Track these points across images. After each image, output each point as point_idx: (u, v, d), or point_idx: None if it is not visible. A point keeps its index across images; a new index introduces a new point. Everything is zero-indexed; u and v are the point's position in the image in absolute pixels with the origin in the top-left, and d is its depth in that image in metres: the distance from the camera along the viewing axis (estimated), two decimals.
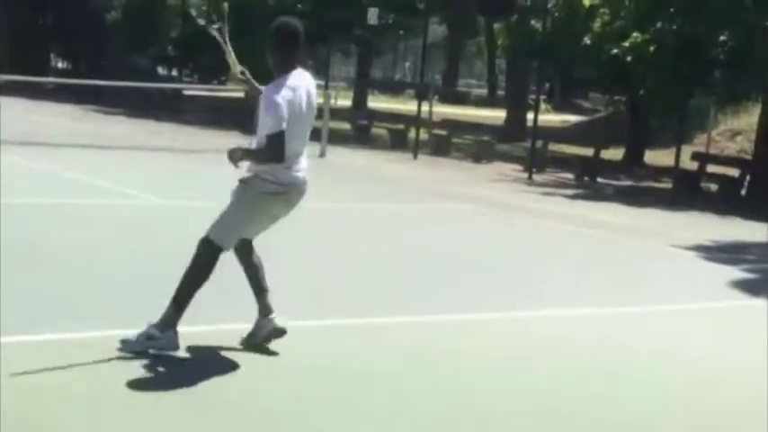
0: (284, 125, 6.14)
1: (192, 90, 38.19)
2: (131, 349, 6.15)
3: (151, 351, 6.16)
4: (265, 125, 6.22)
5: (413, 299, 8.78)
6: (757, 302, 10.13)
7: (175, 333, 6.23)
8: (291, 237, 11.77)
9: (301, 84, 6.38)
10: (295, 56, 6.45)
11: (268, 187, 6.31)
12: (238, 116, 28.50)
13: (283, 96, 6.20)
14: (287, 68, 6.39)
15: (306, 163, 6.47)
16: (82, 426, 5.18)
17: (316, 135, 24.59)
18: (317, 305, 8.18)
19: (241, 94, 7.84)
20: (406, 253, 11.26)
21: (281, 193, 6.34)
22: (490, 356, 7.15)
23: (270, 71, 6.60)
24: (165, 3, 35.58)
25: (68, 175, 15.13)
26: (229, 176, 6.77)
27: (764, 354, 7.98)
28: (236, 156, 6.28)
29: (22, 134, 20.21)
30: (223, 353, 6.53)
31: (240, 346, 6.61)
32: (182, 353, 6.33)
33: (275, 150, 6.15)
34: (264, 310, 6.57)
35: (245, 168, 6.47)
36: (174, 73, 43.63)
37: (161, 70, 44.53)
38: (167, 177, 16.71)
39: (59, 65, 48.32)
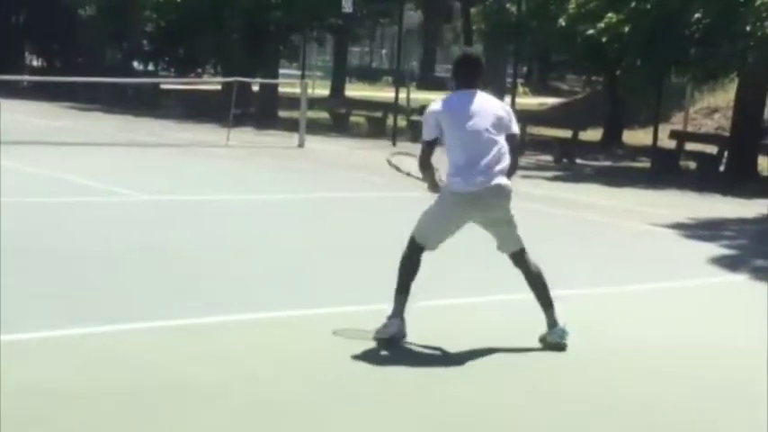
0: (429, 136, 6.98)
1: (169, 84, 38.04)
2: (377, 337, 6.80)
3: (387, 336, 6.79)
4: None
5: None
6: (737, 278, 10.22)
7: (403, 320, 6.88)
8: (273, 227, 11.82)
9: (466, 101, 7.00)
10: (462, 78, 7.16)
11: (450, 194, 6.97)
12: (216, 109, 28.51)
13: (433, 110, 7.05)
14: (456, 87, 7.16)
15: (489, 170, 6.88)
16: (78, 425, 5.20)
17: (294, 125, 24.72)
18: (292, 295, 8.19)
19: (218, 87, 7.84)
20: (386, 241, 11.26)
21: (461, 195, 6.89)
22: (479, 338, 7.18)
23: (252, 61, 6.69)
24: None
25: (45, 173, 15.07)
26: (209, 170, 6.77)
27: (746, 329, 8.06)
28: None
29: None
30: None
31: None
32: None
33: (421, 156, 7.08)
34: (551, 322, 7.07)
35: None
36: (151, 67, 43.44)
37: (137, 65, 44.31)
38: (147, 172, 16.66)
39: (34, 63, 47.98)
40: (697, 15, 19.55)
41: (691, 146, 22.51)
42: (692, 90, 28.03)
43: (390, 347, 6.77)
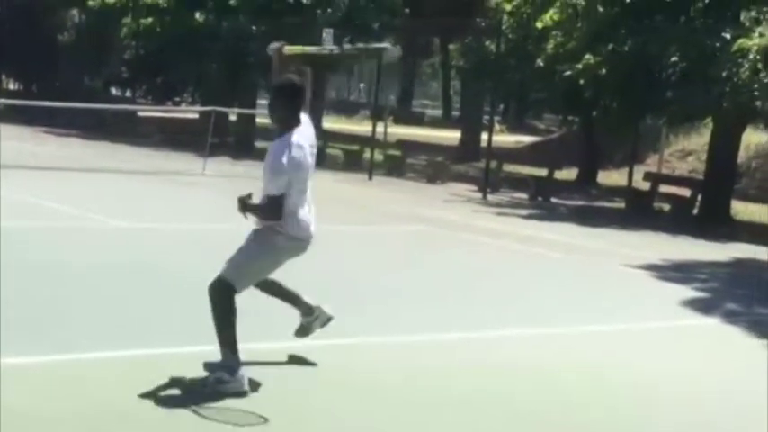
0: (285, 189, 6.33)
1: (147, 111, 38.00)
2: (208, 392, 6.10)
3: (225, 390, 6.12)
4: (268, 185, 6.42)
5: (365, 321, 8.76)
6: (708, 321, 10.25)
7: (242, 374, 6.22)
8: None
9: (306, 138, 6.47)
10: (298, 112, 6.48)
11: (281, 240, 6.51)
12: (193, 138, 28.44)
13: (291, 159, 6.32)
14: (291, 125, 6.42)
15: (312, 211, 6.70)
16: None
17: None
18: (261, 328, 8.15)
19: (195, 116, 7.82)
20: (357, 275, 11.25)
21: (295, 245, 6.60)
22: (450, 376, 7.15)
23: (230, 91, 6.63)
24: (119, 24, 35.39)
25: (17, 197, 14.94)
26: (185, 198, 6.74)
27: (716, 373, 8.07)
28: (242, 208, 6.59)
29: None
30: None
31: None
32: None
33: (274, 212, 6.41)
34: (307, 310, 6.97)
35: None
36: (128, 94, 43.41)
37: (114, 91, 44.27)
38: (121, 199, 16.58)
39: (11, 86, 47.86)
40: (674, 59, 19.74)
41: (665, 188, 22.66)
42: (666, 133, 28.27)
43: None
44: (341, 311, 9.03)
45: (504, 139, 40.28)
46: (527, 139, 42.32)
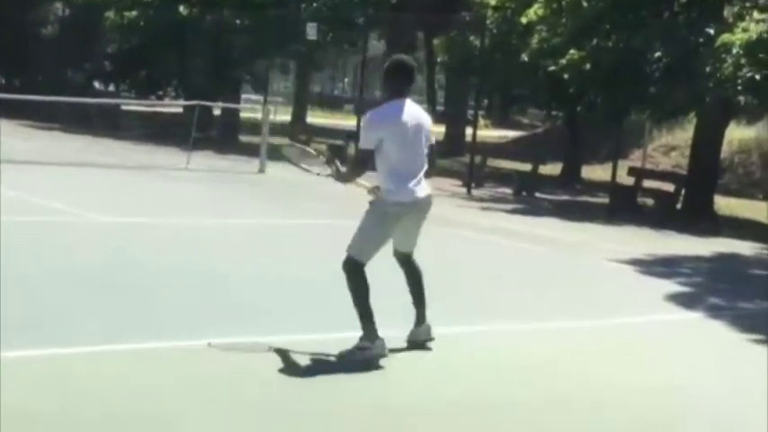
0: (365, 145, 7.12)
1: (130, 105, 37.84)
2: (351, 359, 6.84)
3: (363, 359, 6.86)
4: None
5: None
6: (692, 315, 10.27)
7: (382, 339, 6.98)
8: (233, 253, 11.73)
9: (403, 111, 7.12)
10: (397, 87, 7.23)
11: (385, 206, 7.10)
12: (177, 132, 28.36)
13: (375, 114, 7.17)
14: (390, 96, 7.25)
15: (421, 179, 7.17)
16: None
17: (254, 150, 24.63)
18: (253, 323, 8.13)
19: (179, 110, 7.86)
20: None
21: (399, 210, 7.09)
22: (432, 372, 7.15)
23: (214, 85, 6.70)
24: (102, 17, 35.23)
25: (4, 192, 14.87)
26: (168, 192, 6.72)
27: (701, 367, 8.09)
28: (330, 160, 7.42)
29: None
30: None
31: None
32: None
33: (357, 164, 7.31)
34: (420, 319, 7.43)
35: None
36: (112, 88, 43.20)
37: (98, 85, 44.04)
38: (104, 193, 16.52)
39: None
40: (657, 54, 19.77)
41: (648, 183, 22.69)
42: (650, 128, 28.32)
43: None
44: (321, 304, 9.03)
45: (489, 133, 40.29)
46: (511, 133, 42.35)
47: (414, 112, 7.22)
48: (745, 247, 16.49)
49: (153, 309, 8.28)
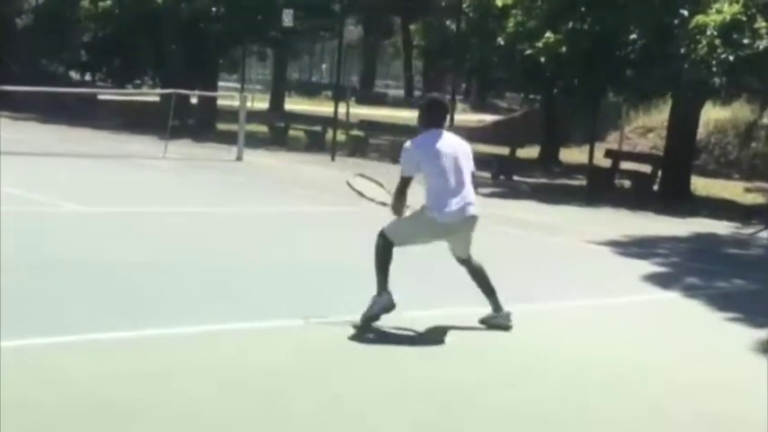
0: (406, 173, 7.90)
1: (107, 95, 37.68)
2: (367, 315, 7.74)
3: (377, 311, 7.73)
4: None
5: (333, 301, 8.78)
6: (669, 295, 10.36)
7: (390, 294, 7.81)
8: (207, 241, 11.75)
9: (436, 139, 7.94)
10: (432, 119, 8.05)
11: (429, 219, 7.90)
12: (153, 121, 28.27)
13: (408, 147, 7.96)
14: (425, 127, 8.04)
15: (464, 200, 7.89)
16: None
17: (232, 138, 24.56)
18: (212, 311, 8.16)
19: (156, 99, 7.92)
20: (322, 256, 11.27)
21: (439, 223, 7.88)
22: (410, 353, 7.19)
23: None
24: (77, 7, 35.04)
25: None
26: (145, 181, 6.72)
27: (677, 345, 8.18)
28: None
29: None
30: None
31: None
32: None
33: (397, 189, 8.01)
34: (495, 307, 8.15)
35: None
36: (88, 77, 43.02)
37: (74, 75, 43.85)
38: (81, 183, 16.49)
39: None
40: (633, 36, 19.84)
41: (626, 165, 22.81)
42: (627, 110, 28.42)
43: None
44: (304, 291, 9.06)
45: (467, 117, 40.30)
46: (489, 117, 42.38)
47: (451, 140, 8.03)
48: (721, 227, 16.62)
49: (132, 297, 8.29)
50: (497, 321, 8.09)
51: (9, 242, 10.18)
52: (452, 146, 8.01)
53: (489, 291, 8.20)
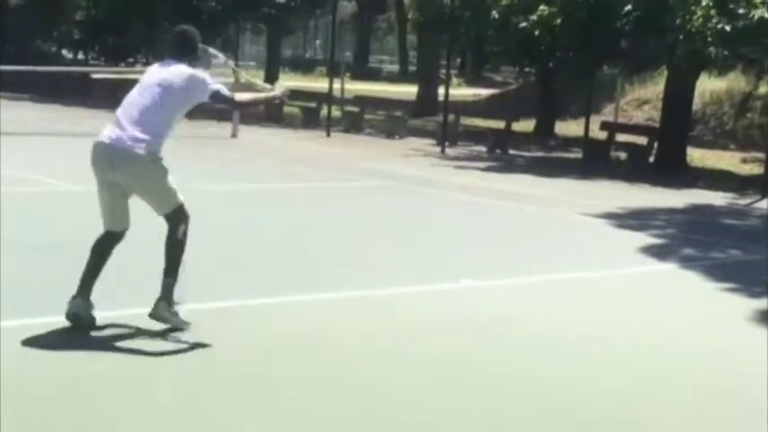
0: None
1: (100, 73, 37.53)
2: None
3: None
4: None
5: (326, 276, 8.78)
6: (666, 267, 10.36)
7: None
8: (201, 219, 11.71)
9: (154, 69, 7.19)
10: (171, 50, 7.28)
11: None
12: None
13: None
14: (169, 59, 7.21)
15: (118, 133, 6.91)
16: None
17: (227, 115, 24.57)
18: (218, 286, 8.15)
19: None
20: (319, 232, 11.26)
21: (93, 152, 7.08)
22: (407, 331, 7.19)
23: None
24: None
25: None
26: None
27: (674, 317, 8.19)
28: None
29: None
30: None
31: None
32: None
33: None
34: (165, 293, 6.79)
35: None
36: (81, 56, 42.86)
37: (66, 54, 43.69)
38: (75, 162, 16.39)
39: None
40: (628, 8, 19.74)
41: (621, 137, 22.77)
42: (622, 82, 28.34)
43: None
44: (297, 267, 9.06)
45: (462, 92, 40.24)
46: (484, 92, 42.30)
47: (165, 73, 7.00)
48: (717, 198, 16.62)
49: (125, 275, 8.28)
50: (157, 313, 6.69)
51: (10, 223, 10.16)
52: (159, 77, 6.97)
53: (171, 273, 6.82)
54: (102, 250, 6.92)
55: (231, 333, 6.80)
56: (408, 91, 37.78)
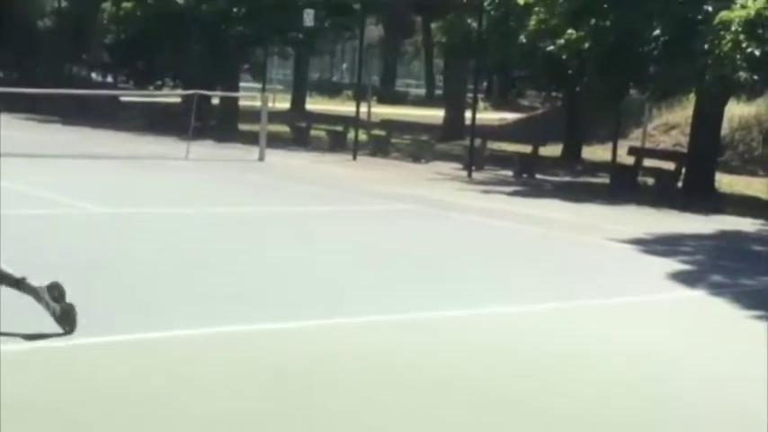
0: None
1: (129, 96, 37.83)
2: None
3: None
4: None
5: (353, 300, 8.77)
6: (695, 293, 10.27)
7: None
8: (234, 241, 11.76)
9: None
10: None
11: None
12: (175, 122, 28.35)
13: None
14: None
15: None
16: None
17: (254, 138, 24.62)
18: (240, 309, 8.15)
19: (178, 100, 7.80)
20: (345, 254, 11.25)
21: None
22: (435, 356, 7.16)
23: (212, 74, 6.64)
24: (99, 8, 35.23)
25: (4, 185, 14.87)
26: (168, 183, 6.70)
27: (703, 344, 8.11)
28: None
29: None
30: None
31: None
32: None
33: None
34: None
35: None
36: (110, 79, 43.19)
37: (96, 76, 44.05)
38: (104, 185, 16.52)
39: None
40: (656, 33, 19.70)
41: (649, 162, 22.66)
42: (650, 107, 28.26)
43: None
44: (322, 290, 9.05)
45: (489, 116, 40.25)
46: (511, 116, 42.30)
47: None
48: (746, 224, 16.48)
49: (156, 297, 8.29)
50: None
51: (34, 244, 10.21)
52: None
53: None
54: None
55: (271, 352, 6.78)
56: (435, 115, 37.83)
